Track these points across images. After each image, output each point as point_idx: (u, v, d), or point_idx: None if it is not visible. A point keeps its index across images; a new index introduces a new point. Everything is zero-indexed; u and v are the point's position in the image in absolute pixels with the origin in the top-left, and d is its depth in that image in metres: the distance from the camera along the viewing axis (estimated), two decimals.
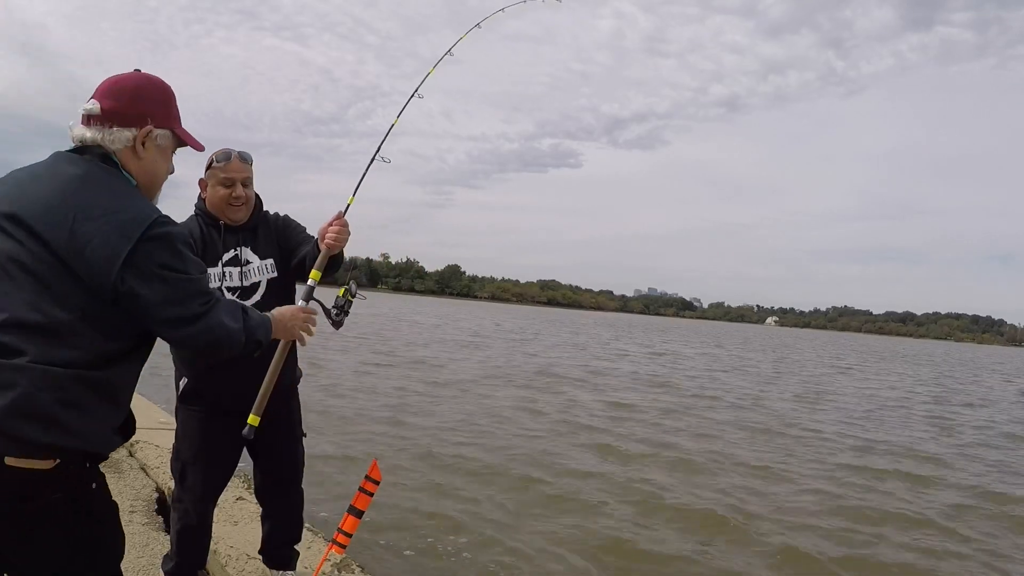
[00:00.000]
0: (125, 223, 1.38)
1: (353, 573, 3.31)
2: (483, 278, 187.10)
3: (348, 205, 2.50)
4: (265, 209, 2.68)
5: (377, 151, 2.64)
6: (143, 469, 4.23)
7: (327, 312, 2.23)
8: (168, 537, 3.25)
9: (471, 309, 73.20)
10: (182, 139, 1.61)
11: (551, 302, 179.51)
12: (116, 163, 1.48)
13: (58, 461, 1.30)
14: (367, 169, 2.60)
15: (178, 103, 1.63)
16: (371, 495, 2.47)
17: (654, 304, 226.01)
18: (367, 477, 2.49)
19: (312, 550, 3.45)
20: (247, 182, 2.52)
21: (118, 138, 1.48)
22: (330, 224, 2.37)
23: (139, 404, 5.84)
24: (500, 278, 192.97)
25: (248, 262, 2.55)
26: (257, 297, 2.52)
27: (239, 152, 2.51)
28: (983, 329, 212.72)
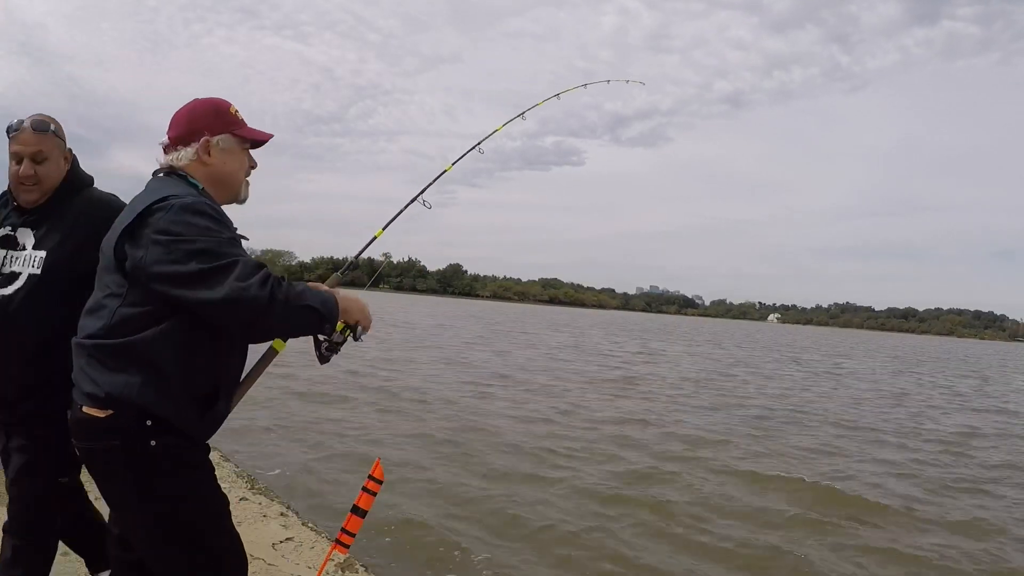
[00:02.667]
0: (138, 204, 1.65)
1: (357, 573, 3.31)
2: (485, 277, 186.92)
3: (374, 238, 2.42)
4: (108, 195, 2.25)
5: (421, 193, 2.53)
6: None
7: (317, 343, 1.97)
8: None
9: (484, 310, 73.17)
10: (246, 137, 1.87)
11: (553, 301, 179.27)
12: (181, 175, 1.77)
13: (111, 412, 1.60)
14: (405, 207, 2.47)
15: (236, 108, 1.88)
16: (374, 495, 2.44)
17: (656, 302, 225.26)
18: (370, 476, 2.47)
19: (315, 550, 3.45)
20: (39, 157, 2.07)
21: (183, 156, 1.79)
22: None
23: None
24: (502, 277, 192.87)
25: (23, 247, 2.11)
26: (8, 291, 2.06)
27: (34, 118, 2.09)
28: (985, 325, 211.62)
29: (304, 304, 1.63)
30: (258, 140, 1.91)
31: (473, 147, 2.75)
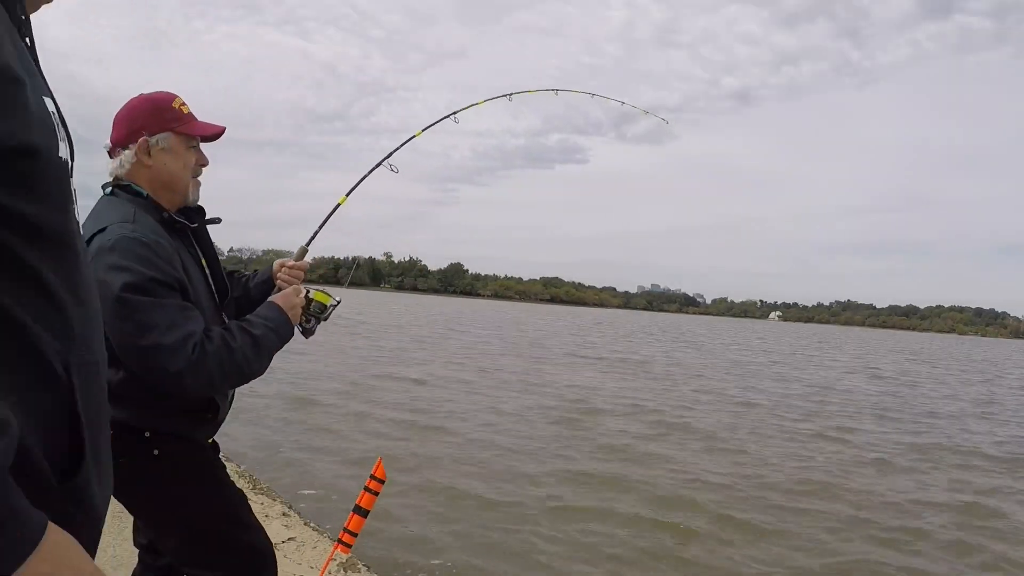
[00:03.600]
0: None
1: (359, 572, 3.30)
2: (486, 276, 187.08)
3: (338, 205, 2.35)
4: None
5: (387, 157, 2.46)
6: None
7: (301, 315, 1.91)
8: None
9: (497, 310, 73.21)
10: (189, 134, 1.74)
11: (554, 300, 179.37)
12: (126, 186, 1.69)
13: (110, 432, 1.49)
14: (369, 172, 2.44)
15: (181, 101, 1.76)
16: (376, 494, 2.45)
17: (657, 301, 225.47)
18: (372, 476, 2.47)
19: (318, 550, 3.44)
20: None
21: (125, 160, 1.69)
22: (288, 265, 2.09)
23: None
24: (503, 276, 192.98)
25: None
26: None
27: None
28: (986, 322, 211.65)
29: (251, 356, 1.63)
30: (204, 136, 1.79)
31: (447, 116, 2.74)
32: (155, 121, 1.71)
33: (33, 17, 0.88)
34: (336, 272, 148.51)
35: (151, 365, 1.51)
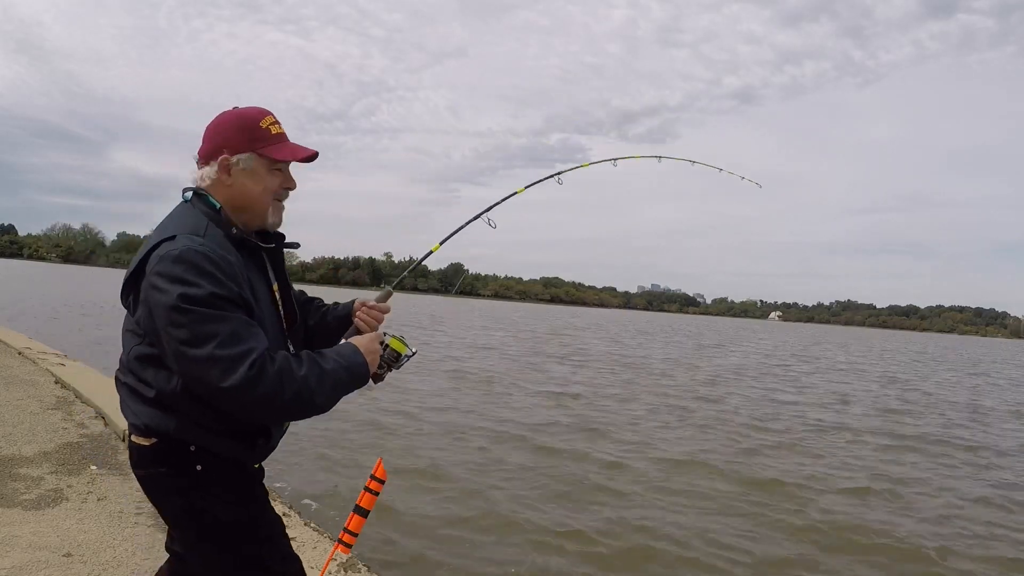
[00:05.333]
0: (151, 239, 1.60)
1: (360, 573, 3.30)
2: (486, 276, 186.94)
3: (431, 252, 2.23)
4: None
5: (486, 211, 2.30)
6: None
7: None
8: None
9: (505, 310, 73.20)
10: (274, 158, 1.67)
11: (554, 300, 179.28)
12: (203, 195, 1.66)
13: (155, 440, 1.58)
14: (466, 224, 2.27)
15: (271, 120, 1.69)
16: (376, 494, 2.43)
17: (657, 300, 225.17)
18: (372, 476, 2.46)
19: (318, 550, 3.44)
20: None
21: (206, 175, 1.66)
22: (368, 305, 1.95)
23: None
24: (503, 276, 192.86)
25: None
26: None
27: None
28: (986, 322, 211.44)
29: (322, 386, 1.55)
30: (283, 159, 1.70)
31: (551, 176, 2.57)
32: (239, 140, 1.65)
33: (31, 16, 0.87)
34: (336, 272, 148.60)
35: (202, 376, 1.44)
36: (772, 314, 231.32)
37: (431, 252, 2.26)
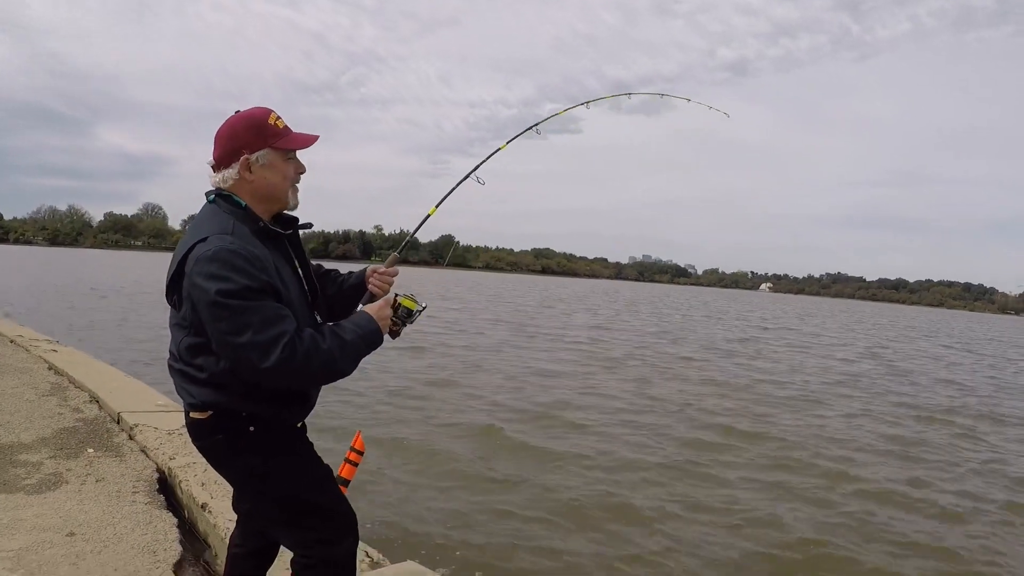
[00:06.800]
0: (186, 240, 1.82)
1: None
2: (477, 247, 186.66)
3: (428, 215, 2.45)
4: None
5: (474, 170, 2.51)
6: (143, 451, 4.42)
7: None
8: (168, 514, 3.45)
9: (496, 281, 73.30)
10: (287, 148, 1.90)
11: (545, 271, 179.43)
12: (226, 196, 1.88)
13: (211, 413, 1.85)
14: (457, 185, 2.47)
15: (276, 116, 1.89)
16: (356, 465, 2.62)
17: (648, 271, 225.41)
18: (352, 448, 2.64)
19: None
20: None
21: (227, 176, 1.87)
22: (379, 272, 2.21)
23: (135, 388, 6.03)
24: (494, 247, 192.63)
25: None
26: None
27: None
28: (975, 297, 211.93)
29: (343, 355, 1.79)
30: (297, 147, 1.93)
31: (530, 127, 2.76)
32: (254, 139, 1.85)
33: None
34: (326, 246, 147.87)
35: (244, 360, 1.68)
36: (763, 285, 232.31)
37: (428, 216, 2.47)
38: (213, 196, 1.89)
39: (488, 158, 2.57)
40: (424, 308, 2.14)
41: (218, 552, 3.21)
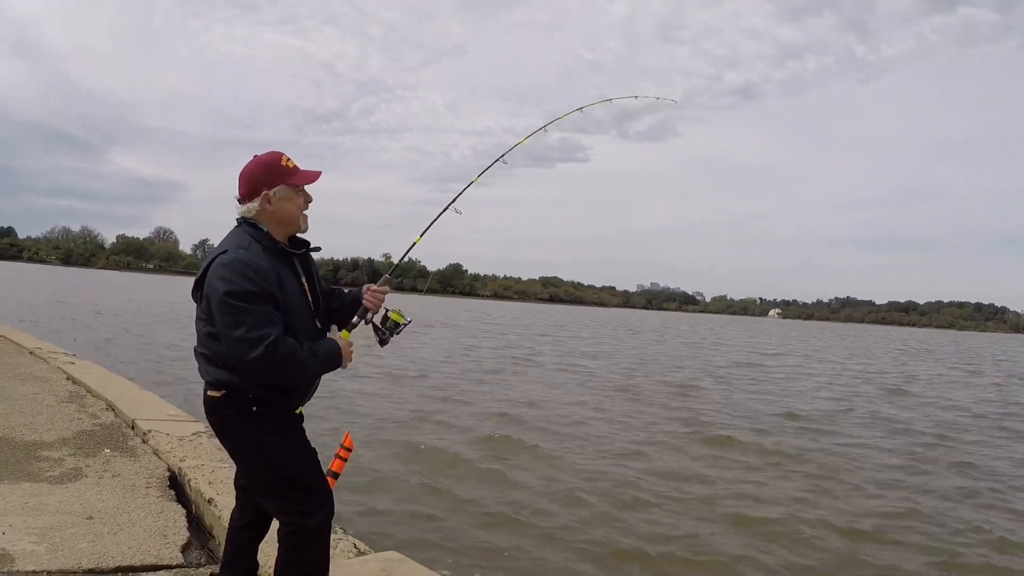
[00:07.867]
0: (215, 250, 2.31)
1: (336, 533, 3.80)
2: (485, 276, 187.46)
3: (414, 243, 2.88)
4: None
5: (452, 203, 2.98)
6: (156, 453, 4.77)
7: (379, 329, 2.53)
8: (178, 506, 3.79)
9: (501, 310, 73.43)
10: (298, 184, 2.37)
11: (553, 299, 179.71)
12: (251, 222, 2.33)
13: (224, 392, 2.26)
14: (438, 217, 2.91)
15: (287, 158, 2.38)
16: (344, 460, 2.96)
17: (656, 299, 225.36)
18: (341, 446, 2.98)
19: None
20: None
21: (251, 208, 2.35)
22: (372, 289, 2.58)
23: (148, 399, 6.40)
24: (502, 276, 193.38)
25: None
26: None
27: None
28: (986, 317, 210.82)
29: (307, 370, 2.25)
30: (306, 183, 2.41)
31: (496, 160, 3.23)
32: (271, 178, 2.33)
33: (26, 17, 1.30)
34: (335, 274, 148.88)
35: (236, 350, 2.11)
36: (772, 311, 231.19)
37: (414, 244, 2.88)
38: (240, 221, 2.36)
39: (461, 192, 3.04)
40: (410, 322, 2.56)
41: (221, 542, 3.54)
